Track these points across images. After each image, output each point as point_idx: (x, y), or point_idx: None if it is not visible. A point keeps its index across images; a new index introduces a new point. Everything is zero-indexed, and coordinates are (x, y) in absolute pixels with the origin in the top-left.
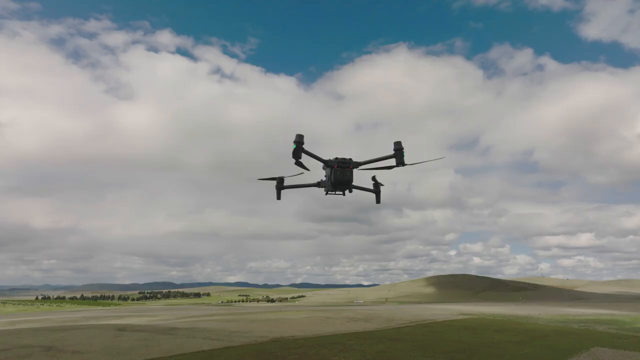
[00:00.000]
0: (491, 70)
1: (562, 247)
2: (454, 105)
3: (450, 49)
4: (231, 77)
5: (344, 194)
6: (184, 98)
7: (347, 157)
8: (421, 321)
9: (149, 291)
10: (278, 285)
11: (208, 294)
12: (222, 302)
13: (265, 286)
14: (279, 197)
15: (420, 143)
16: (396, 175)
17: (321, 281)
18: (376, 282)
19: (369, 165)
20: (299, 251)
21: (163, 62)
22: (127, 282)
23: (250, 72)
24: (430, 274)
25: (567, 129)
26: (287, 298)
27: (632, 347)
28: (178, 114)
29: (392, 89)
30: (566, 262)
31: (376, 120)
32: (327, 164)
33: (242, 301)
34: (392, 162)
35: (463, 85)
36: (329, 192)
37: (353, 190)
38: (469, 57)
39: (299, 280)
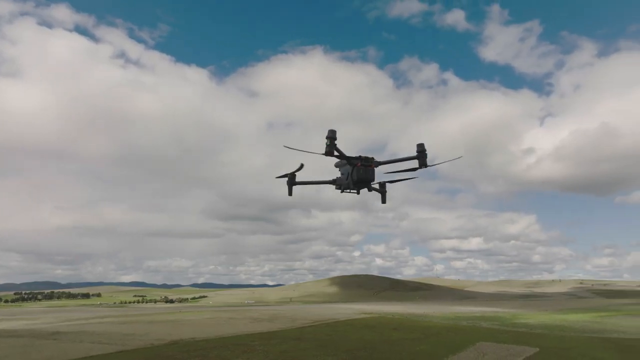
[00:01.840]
0: (400, 80)
1: (455, 250)
2: (366, 112)
3: (364, 57)
4: (137, 63)
5: (358, 193)
6: (82, 81)
7: (370, 156)
8: (324, 320)
9: (28, 292)
10: (178, 285)
11: (99, 295)
12: (115, 303)
13: (164, 286)
14: (290, 194)
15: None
16: (306, 177)
17: (225, 281)
18: (281, 282)
19: (391, 166)
20: (203, 250)
21: (57, 40)
22: (1, 282)
23: (159, 60)
24: (334, 274)
25: (464, 141)
26: (187, 298)
27: (511, 341)
28: (73, 97)
29: (306, 90)
30: (458, 263)
31: (289, 120)
32: (349, 162)
33: (138, 302)
34: (414, 163)
35: (374, 92)
36: (345, 190)
37: (360, 189)
38: (380, 66)
39: (201, 280)
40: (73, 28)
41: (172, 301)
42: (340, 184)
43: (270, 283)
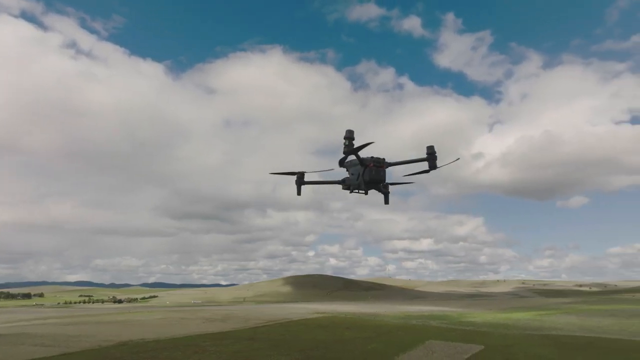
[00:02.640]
0: (358, 83)
1: (407, 250)
2: (323, 113)
3: (323, 58)
4: (89, 54)
5: (366, 193)
6: (28, 70)
7: (381, 156)
8: (278, 320)
9: None
10: (127, 285)
11: (41, 295)
12: (59, 303)
13: (113, 286)
14: (299, 193)
15: (289, 145)
16: (265, 177)
17: (177, 281)
18: (235, 282)
19: (401, 167)
20: (155, 249)
21: (2, 25)
22: None
23: (113, 52)
24: (288, 274)
25: (418, 145)
26: (137, 298)
27: (458, 339)
28: (18, 87)
29: (264, 89)
30: (409, 264)
31: (246, 118)
32: (362, 162)
33: (84, 302)
34: (424, 164)
35: (332, 94)
36: (354, 191)
37: (369, 190)
38: (339, 68)
39: (151, 280)
40: (19, 14)
41: (120, 301)
42: (350, 184)
43: (224, 283)
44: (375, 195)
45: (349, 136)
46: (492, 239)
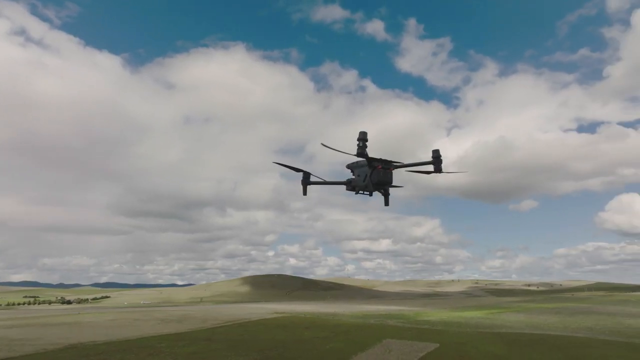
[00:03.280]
0: (321, 84)
1: (366, 250)
2: (285, 112)
3: (286, 58)
4: (40, 43)
5: (371, 195)
6: None
7: (388, 158)
8: (236, 321)
9: None
10: (77, 285)
11: None
12: (1, 305)
13: (61, 286)
14: (305, 193)
15: (250, 144)
16: (225, 175)
17: (130, 280)
18: (192, 282)
19: (407, 169)
20: (107, 247)
21: None
22: None
23: (66, 42)
24: (247, 273)
25: (378, 147)
26: (87, 299)
27: (414, 338)
28: None
29: (226, 86)
30: (368, 264)
31: (207, 115)
32: (370, 163)
33: (29, 303)
34: (429, 167)
35: (295, 94)
36: (359, 192)
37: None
38: (302, 68)
39: (103, 280)
40: None
41: (69, 302)
42: (356, 185)
43: (180, 283)
44: (336, 195)
45: (362, 137)
46: (448, 240)
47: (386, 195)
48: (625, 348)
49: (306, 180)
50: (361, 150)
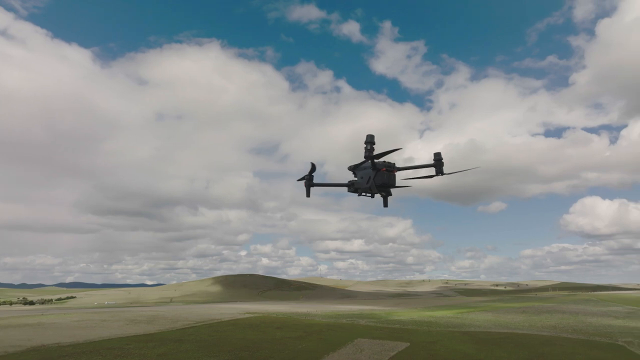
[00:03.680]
0: (296, 83)
1: (339, 250)
2: (260, 111)
3: (262, 56)
4: (4, 34)
5: (372, 197)
6: None
7: (390, 161)
8: (207, 321)
9: None
10: (41, 285)
11: None
12: None
13: (24, 286)
14: (308, 195)
15: (224, 142)
16: (198, 173)
17: (98, 280)
18: (162, 282)
19: (409, 172)
20: (74, 246)
21: None
22: None
23: (33, 34)
24: (219, 273)
25: (352, 147)
26: (51, 300)
27: (385, 337)
28: None
29: (200, 83)
30: (341, 264)
31: (180, 112)
32: (375, 166)
33: None
34: (431, 170)
35: (270, 93)
36: (362, 194)
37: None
38: (277, 67)
39: (69, 279)
40: None
41: (32, 303)
42: (359, 188)
43: (149, 282)
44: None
45: (370, 141)
46: (419, 240)
47: (385, 198)
48: (586, 345)
49: (309, 182)
50: (369, 154)
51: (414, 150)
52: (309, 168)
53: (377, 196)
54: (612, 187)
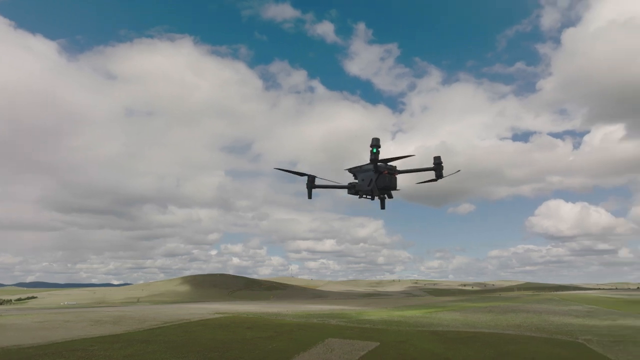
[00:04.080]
0: (270, 82)
1: (310, 250)
2: (233, 109)
3: (235, 54)
4: None
5: (372, 199)
6: None
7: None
8: (176, 321)
9: None
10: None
11: None
12: None
13: None
14: (310, 197)
15: (195, 140)
16: (168, 171)
17: (61, 280)
18: (128, 282)
19: (409, 175)
20: (35, 244)
21: None
22: None
23: None
24: (188, 273)
25: (326, 147)
26: (11, 300)
27: (356, 337)
28: None
29: (172, 79)
30: (312, 264)
31: (151, 109)
32: (377, 169)
33: None
34: (431, 174)
35: (243, 91)
36: (363, 197)
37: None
38: (251, 65)
39: (30, 279)
40: None
41: None
42: (360, 190)
43: (115, 282)
44: (282, 195)
45: (376, 144)
46: (390, 241)
47: (383, 200)
48: (549, 343)
49: (311, 183)
50: (375, 157)
51: (386, 152)
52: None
53: (374, 197)
54: (574, 190)
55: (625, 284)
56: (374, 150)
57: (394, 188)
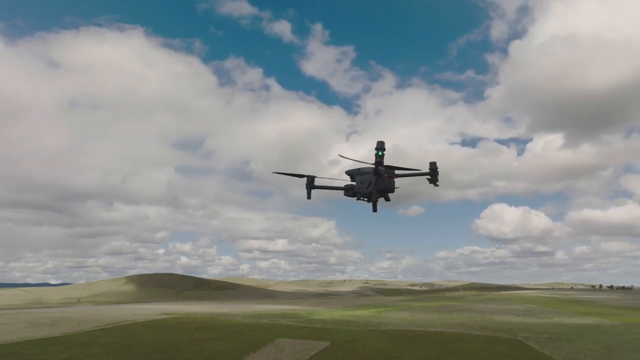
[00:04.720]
0: (224, 79)
1: (262, 250)
2: (184, 104)
3: (189, 48)
4: None
5: (369, 201)
6: None
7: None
8: (120, 322)
9: None
10: None
11: None
12: None
13: None
14: (309, 197)
15: (145, 134)
16: (114, 166)
17: None
18: (68, 281)
19: (405, 179)
20: None
21: None
22: None
23: None
24: (134, 272)
25: (280, 147)
26: None
27: (306, 337)
28: None
29: (120, 71)
30: (263, 263)
31: (97, 101)
32: (377, 172)
33: None
34: (425, 177)
35: (196, 86)
36: (360, 199)
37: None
38: (205, 60)
39: None
40: None
41: None
42: (358, 192)
43: (54, 282)
44: (233, 193)
45: (381, 147)
46: (342, 241)
47: (374, 203)
48: (491, 341)
49: (310, 184)
50: (380, 160)
51: (340, 153)
52: (231, 167)
53: (371, 199)
54: (517, 195)
55: (560, 284)
56: (379, 153)
57: (392, 191)
